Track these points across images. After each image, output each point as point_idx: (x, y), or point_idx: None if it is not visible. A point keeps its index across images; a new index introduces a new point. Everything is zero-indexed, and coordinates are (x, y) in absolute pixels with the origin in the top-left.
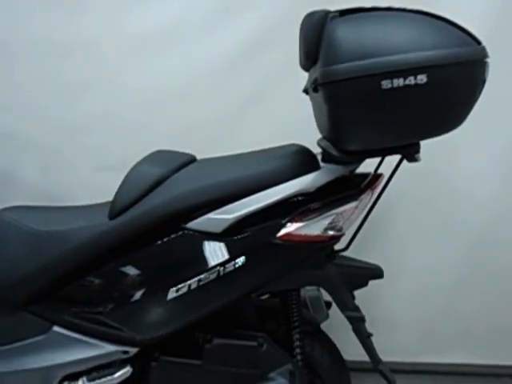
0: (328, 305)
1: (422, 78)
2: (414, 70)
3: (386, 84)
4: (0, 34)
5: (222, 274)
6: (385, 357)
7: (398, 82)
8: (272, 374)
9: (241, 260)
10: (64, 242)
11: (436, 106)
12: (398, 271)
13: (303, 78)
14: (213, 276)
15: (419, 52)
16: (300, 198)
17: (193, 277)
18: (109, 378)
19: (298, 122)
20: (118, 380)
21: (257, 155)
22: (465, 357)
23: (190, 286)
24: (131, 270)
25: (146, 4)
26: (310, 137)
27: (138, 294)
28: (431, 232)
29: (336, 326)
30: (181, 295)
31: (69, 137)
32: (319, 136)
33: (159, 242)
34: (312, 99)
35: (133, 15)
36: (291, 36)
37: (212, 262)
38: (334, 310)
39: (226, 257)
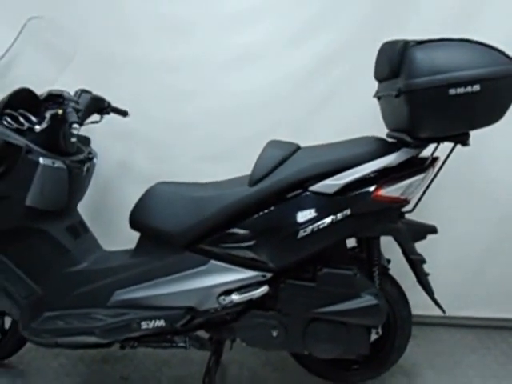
0: (388, 261)
1: (476, 87)
2: (472, 81)
3: (452, 91)
4: (126, 53)
5: (334, 221)
6: (426, 311)
7: (460, 90)
8: (362, 294)
9: (348, 211)
10: (217, 203)
11: (485, 106)
12: (437, 241)
13: (366, 85)
14: (328, 222)
15: (474, 69)
16: (386, 170)
17: (315, 222)
18: (253, 292)
19: (361, 120)
20: (259, 294)
21: (349, 143)
22: (493, 312)
23: (313, 228)
24: (268, 220)
25: (239, 26)
26: (371, 131)
27: (274, 235)
28: (467, 208)
29: None
30: (307, 235)
31: (173, 133)
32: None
33: (290, 200)
34: (386, 103)
35: (229, 36)
36: (355, 53)
37: (328, 213)
38: None
39: (338, 209)
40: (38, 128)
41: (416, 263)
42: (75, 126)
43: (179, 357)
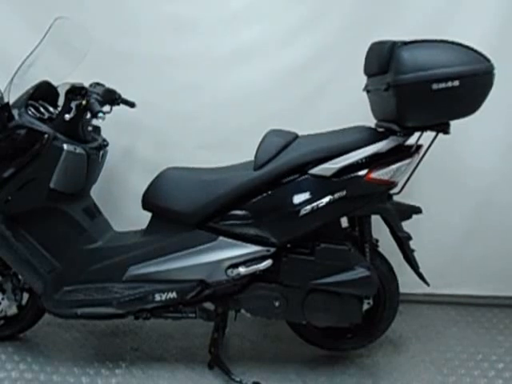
0: (376, 241)
1: (456, 83)
2: (452, 77)
3: (434, 86)
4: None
5: (332, 200)
6: (412, 289)
7: (442, 85)
8: (356, 266)
9: (343, 192)
10: (226, 185)
11: (464, 99)
12: (420, 224)
13: (355, 80)
14: (326, 201)
15: (454, 67)
16: (376, 156)
17: (315, 201)
18: (258, 265)
19: (351, 111)
20: (264, 267)
21: (342, 131)
22: (472, 290)
23: (313, 207)
24: (273, 200)
25: (237, 24)
26: (360, 121)
27: (278, 213)
28: (447, 193)
29: None
30: (307, 213)
31: (175, 123)
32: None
33: (291, 183)
34: (375, 96)
35: (228, 33)
36: (345, 51)
37: (326, 193)
38: None
39: (335, 190)
40: (67, 117)
41: (403, 240)
42: (101, 114)
43: (182, 331)
